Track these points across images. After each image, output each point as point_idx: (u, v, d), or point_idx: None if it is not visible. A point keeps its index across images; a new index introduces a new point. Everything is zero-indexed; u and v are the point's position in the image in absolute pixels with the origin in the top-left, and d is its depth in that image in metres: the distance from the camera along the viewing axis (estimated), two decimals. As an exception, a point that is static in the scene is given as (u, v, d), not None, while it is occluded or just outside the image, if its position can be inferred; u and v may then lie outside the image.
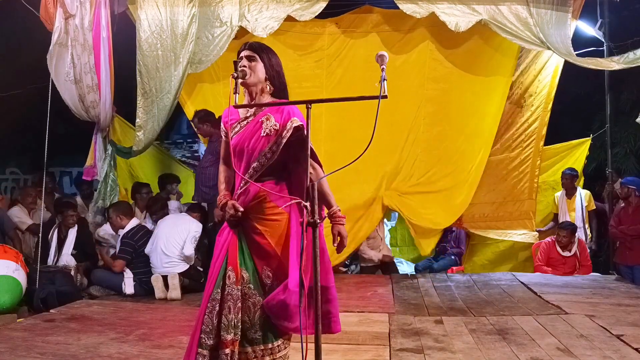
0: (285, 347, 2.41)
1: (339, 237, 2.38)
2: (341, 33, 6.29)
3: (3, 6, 5.32)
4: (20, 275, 4.53)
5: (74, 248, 5.36)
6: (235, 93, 2.21)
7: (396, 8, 5.61)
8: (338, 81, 6.24)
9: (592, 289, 5.10)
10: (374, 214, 6.12)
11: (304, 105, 2.00)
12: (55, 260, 5.29)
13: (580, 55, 5.68)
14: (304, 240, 2.10)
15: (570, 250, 6.00)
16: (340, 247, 2.38)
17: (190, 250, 5.09)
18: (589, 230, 6.61)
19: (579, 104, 8.37)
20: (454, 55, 6.19)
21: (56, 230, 5.44)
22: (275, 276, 2.36)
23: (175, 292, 4.93)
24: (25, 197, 6.24)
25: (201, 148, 10.16)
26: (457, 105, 6.26)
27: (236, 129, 2.44)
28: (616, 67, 5.41)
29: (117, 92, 5.77)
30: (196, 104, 6.29)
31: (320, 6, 5.52)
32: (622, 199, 5.91)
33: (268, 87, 2.45)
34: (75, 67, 5.35)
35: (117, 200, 5.80)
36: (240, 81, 2.32)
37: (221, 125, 2.54)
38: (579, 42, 5.95)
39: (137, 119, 5.52)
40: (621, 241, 5.92)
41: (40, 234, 5.30)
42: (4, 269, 4.41)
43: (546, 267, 6.01)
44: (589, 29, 6.25)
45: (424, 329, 3.85)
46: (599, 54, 6.15)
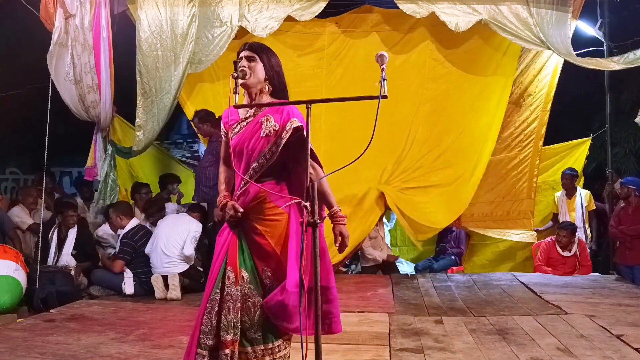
0: (285, 347, 2.41)
1: (340, 237, 2.38)
2: (341, 33, 6.28)
3: (3, 6, 5.31)
4: (20, 275, 4.53)
5: (74, 248, 5.36)
6: (235, 93, 2.21)
7: (396, 8, 5.61)
8: (338, 81, 6.23)
9: (592, 289, 5.11)
10: (373, 214, 6.11)
11: (303, 105, 2.00)
12: (55, 260, 5.29)
13: (580, 55, 5.68)
14: (304, 240, 2.10)
15: (570, 250, 6.00)
16: (342, 247, 2.38)
17: (190, 250, 5.09)
18: (589, 230, 6.62)
19: (579, 104, 8.38)
20: (454, 55, 6.18)
21: (56, 230, 5.44)
22: (275, 276, 2.36)
23: (175, 292, 4.93)
24: (26, 197, 6.24)
25: (201, 148, 10.17)
26: (457, 105, 6.24)
27: (236, 130, 2.44)
28: (616, 67, 5.41)
29: (117, 92, 5.77)
30: (196, 104, 6.28)
31: (320, 6, 5.52)
32: (622, 199, 5.92)
33: (268, 88, 2.44)
34: (75, 67, 5.35)
35: (117, 200, 5.80)
36: (240, 81, 2.32)
37: (221, 125, 2.54)
38: (579, 42, 5.95)
39: (137, 119, 5.52)
40: (621, 241, 5.92)
41: (40, 234, 5.30)
42: (4, 269, 4.42)
43: (546, 267, 6.01)
44: (589, 29, 6.25)
45: (424, 329, 3.85)
46: (599, 54, 6.15)
